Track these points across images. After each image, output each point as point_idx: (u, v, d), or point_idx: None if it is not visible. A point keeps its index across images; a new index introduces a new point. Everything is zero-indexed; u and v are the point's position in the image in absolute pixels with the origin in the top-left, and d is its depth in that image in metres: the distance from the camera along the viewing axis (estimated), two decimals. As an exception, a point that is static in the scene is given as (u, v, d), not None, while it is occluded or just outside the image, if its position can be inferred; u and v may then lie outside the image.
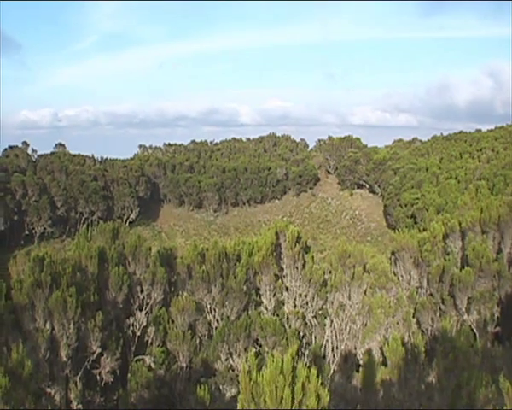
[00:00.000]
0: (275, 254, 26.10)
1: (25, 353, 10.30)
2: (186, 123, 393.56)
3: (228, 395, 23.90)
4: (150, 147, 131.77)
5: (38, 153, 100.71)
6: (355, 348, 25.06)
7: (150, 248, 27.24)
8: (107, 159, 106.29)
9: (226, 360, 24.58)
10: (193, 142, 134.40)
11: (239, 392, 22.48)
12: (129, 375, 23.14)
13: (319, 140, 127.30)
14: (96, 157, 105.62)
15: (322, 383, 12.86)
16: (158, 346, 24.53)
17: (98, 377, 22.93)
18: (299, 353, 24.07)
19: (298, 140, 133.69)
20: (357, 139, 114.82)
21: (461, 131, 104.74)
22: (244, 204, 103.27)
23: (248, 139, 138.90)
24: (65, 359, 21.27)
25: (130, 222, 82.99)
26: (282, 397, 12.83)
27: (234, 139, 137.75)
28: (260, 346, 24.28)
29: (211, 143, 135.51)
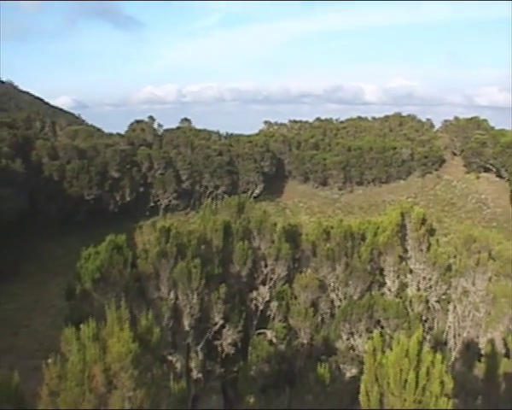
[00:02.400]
0: (399, 235, 25.58)
1: (153, 320, 10.42)
2: (310, 100, 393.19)
3: (348, 374, 23.71)
4: (275, 123, 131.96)
5: (164, 127, 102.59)
6: (477, 337, 24.28)
7: (275, 224, 27.19)
8: (232, 134, 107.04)
9: (347, 339, 24.37)
10: (318, 119, 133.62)
11: (359, 372, 22.33)
12: (250, 348, 23.26)
13: (445, 121, 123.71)
14: (221, 133, 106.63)
15: (446, 370, 12.46)
16: (280, 321, 24.54)
17: (219, 349, 23.17)
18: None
19: (423, 120, 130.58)
20: (484, 121, 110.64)
21: None
22: (369, 183, 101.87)
23: (374, 118, 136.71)
24: (187, 328, 21.60)
25: (254, 197, 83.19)
26: (405, 381, 12.52)
27: (359, 118, 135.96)
28: (382, 328, 23.86)
29: (336, 120, 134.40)
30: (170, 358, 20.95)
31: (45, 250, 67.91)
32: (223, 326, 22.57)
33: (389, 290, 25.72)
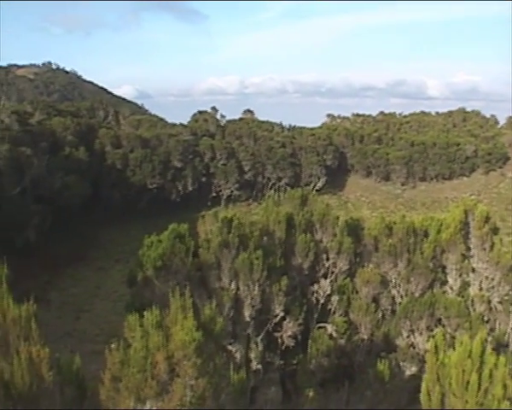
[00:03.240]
0: (462, 233, 25.09)
1: (216, 310, 10.39)
2: (373, 94, 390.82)
3: (407, 372, 23.41)
4: (338, 116, 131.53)
5: (226, 118, 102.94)
6: (541, 342, 23.72)
7: (338, 218, 26.98)
8: (294, 127, 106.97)
9: (408, 336, 24.06)
10: (381, 113, 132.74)
11: (419, 371, 21.96)
12: (310, 341, 23.13)
13: (510, 117, 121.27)
14: (283, 125, 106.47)
15: (509, 373, 12.14)
16: (340, 315, 24.34)
17: (279, 341, 23.10)
18: (483, 338, 23.08)
19: (487, 116, 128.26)
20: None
21: None
22: (432, 179, 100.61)
23: (437, 113, 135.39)
24: (248, 319, 21.57)
25: (316, 190, 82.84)
26: (468, 382, 12.23)
27: (422, 113, 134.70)
28: (443, 326, 23.47)
29: (399, 115, 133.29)
30: (230, 348, 20.95)
31: (107, 237, 69.00)
32: (283, 318, 22.48)
33: (451, 289, 25.27)
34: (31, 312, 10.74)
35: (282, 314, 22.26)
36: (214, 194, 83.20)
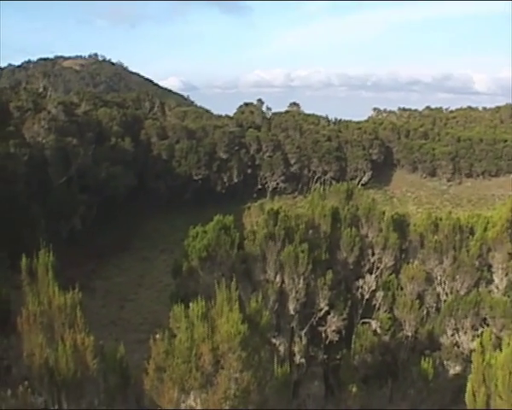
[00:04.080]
0: (509, 231, 24.63)
1: (262, 303, 10.31)
2: (419, 88, 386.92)
3: (451, 371, 23.09)
4: (384, 110, 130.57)
5: (272, 111, 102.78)
6: None
7: (383, 213, 26.73)
8: (340, 120, 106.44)
9: (452, 335, 23.71)
10: (427, 108, 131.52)
11: (463, 370, 21.62)
12: (354, 337, 22.95)
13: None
14: (329, 118, 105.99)
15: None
16: (385, 312, 24.10)
17: (323, 335, 22.98)
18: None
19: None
20: None
21: None
22: (478, 176, 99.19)
23: (484, 109, 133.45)
24: (292, 312, 21.51)
25: (362, 185, 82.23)
26: (515, 384, 11.96)
27: (469, 108, 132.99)
28: (488, 326, 23.07)
29: (446, 110, 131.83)
30: (274, 341, 20.90)
31: (152, 227, 69.46)
32: (327, 313, 22.35)
33: (497, 288, 24.83)
34: (76, 300, 10.81)
35: (326, 309, 22.14)
36: (260, 186, 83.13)
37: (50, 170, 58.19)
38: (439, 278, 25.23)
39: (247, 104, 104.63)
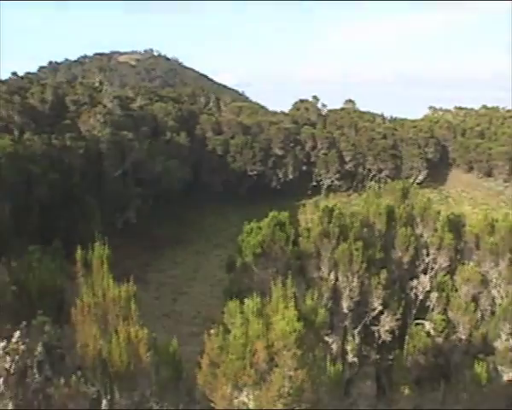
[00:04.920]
0: None
1: (319, 301, 10.29)
2: (475, 86, 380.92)
3: (505, 377, 22.73)
4: (440, 109, 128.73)
5: (328, 107, 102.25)
6: None
7: (439, 213, 26.46)
8: (396, 118, 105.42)
9: (506, 340, 23.32)
10: (484, 106, 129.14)
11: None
12: (407, 337, 22.78)
13: None
14: (384, 115, 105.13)
15: None
16: (439, 313, 23.84)
17: (376, 334, 22.84)
18: None
19: None
20: None
21: None
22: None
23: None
24: (346, 311, 21.44)
25: (417, 183, 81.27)
26: None
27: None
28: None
29: (502, 109, 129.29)
30: (327, 339, 20.85)
31: (207, 222, 69.82)
32: (381, 312, 22.21)
33: (554, 293, 24.39)
34: (130, 292, 10.92)
35: (379, 308, 21.99)
36: (314, 183, 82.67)
37: (106, 163, 59.03)
38: (494, 280, 24.84)
39: (302, 101, 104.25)
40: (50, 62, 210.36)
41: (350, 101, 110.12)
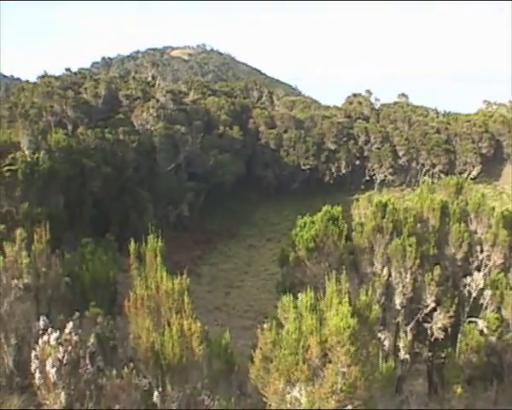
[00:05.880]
0: None
1: (372, 297, 10.27)
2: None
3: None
4: (494, 103, 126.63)
5: (381, 102, 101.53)
6: None
7: (493, 209, 26.06)
8: (449, 112, 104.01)
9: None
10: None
11: None
12: (459, 335, 22.54)
13: None
14: (438, 110, 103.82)
15: None
16: (492, 311, 23.49)
17: (428, 332, 22.66)
18: None
19: None
20: None
21: None
22: None
23: None
24: (398, 307, 21.30)
25: (471, 179, 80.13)
26: None
27: None
28: None
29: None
30: (379, 335, 20.75)
31: (260, 216, 70.04)
32: (434, 309, 22.00)
33: None
34: (184, 285, 11.03)
35: (432, 305, 21.79)
36: (367, 178, 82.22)
37: (159, 157, 59.73)
38: (550, 279, 24.46)
39: (355, 95, 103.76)
40: (103, 58, 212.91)
41: (403, 95, 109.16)
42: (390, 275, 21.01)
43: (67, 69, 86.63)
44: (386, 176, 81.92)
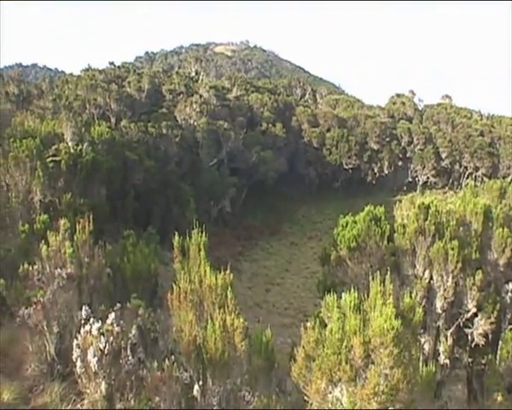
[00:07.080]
0: None
1: (416, 299, 10.27)
2: None
3: None
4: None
5: (424, 102, 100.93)
6: None
7: (538, 214, 25.72)
8: (493, 115, 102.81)
9: None
10: None
11: None
12: (500, 342, 22.29)
13: None
14: (482, 112, 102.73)
15: None
16: (534, 313, 23.22)
17: (469, 337, 22.44)
18: None
19: None
20: None
21: None
22: None
23: None
24: (439, 310, 21.09)
25: (511, 183, 78.98)
26: None
27: None
28: None
29: None
30: (419, 338, 20.62)
31: (301, 213, 70.06)
32: (475, 314, 21.77)
33: None
34: (227, 281, 11.10)
35: (474, 310, 21.57)
36: (410, 179, 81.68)
37: (201, 152, 60.10)
38: None
39: (398, 95, 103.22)
40: (147, 52, 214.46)
41: (447, 96, 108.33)
42: (431, 278, 20.84)
43: (111, 63, 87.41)
44: (428, 178, 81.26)
